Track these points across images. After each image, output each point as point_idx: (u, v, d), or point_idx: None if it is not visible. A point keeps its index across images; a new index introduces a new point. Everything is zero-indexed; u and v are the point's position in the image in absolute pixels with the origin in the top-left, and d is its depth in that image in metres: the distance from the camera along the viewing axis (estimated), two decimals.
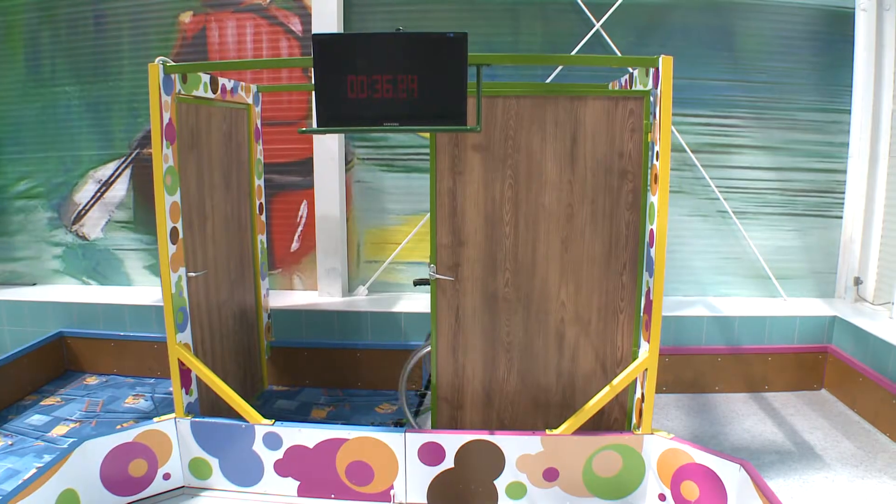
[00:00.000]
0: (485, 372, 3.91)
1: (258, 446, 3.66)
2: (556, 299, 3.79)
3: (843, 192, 5.69)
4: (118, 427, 4.27)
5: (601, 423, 3.92)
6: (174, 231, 3.68)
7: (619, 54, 5.18)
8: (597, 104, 3.59)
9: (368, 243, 5.54)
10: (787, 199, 5.64)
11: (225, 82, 4.23)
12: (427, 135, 5.24)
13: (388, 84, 3.10)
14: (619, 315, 3.75)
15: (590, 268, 3.74)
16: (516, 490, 3.64)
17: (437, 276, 3.86)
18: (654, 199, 3.41)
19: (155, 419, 3.74)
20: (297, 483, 3.68)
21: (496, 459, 3.59)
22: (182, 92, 3.73)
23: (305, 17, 5.30)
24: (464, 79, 3.09)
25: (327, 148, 5.23)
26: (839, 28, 5.49)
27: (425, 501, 3.64)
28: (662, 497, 3.65)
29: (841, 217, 5.74)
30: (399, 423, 4.46)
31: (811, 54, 5.53)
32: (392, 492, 3.62)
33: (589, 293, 3.77)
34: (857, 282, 5.69)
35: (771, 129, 5.58)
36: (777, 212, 5.61)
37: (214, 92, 4.09)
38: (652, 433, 3.62)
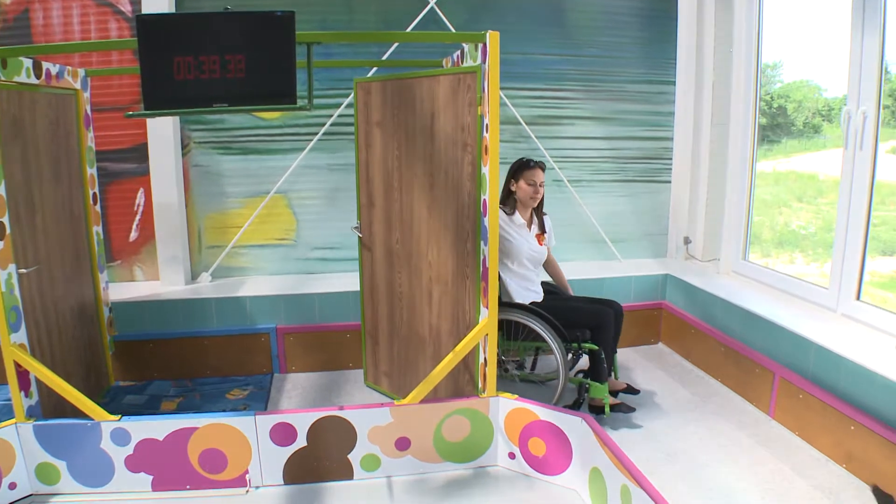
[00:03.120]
0: (388, 316, 4.56)
1: (106, 444, 3.52)
2: (426, 259, 4.11)
3: (671, 158, 6.02)
4: None
5: (454, 389, 4.07)
6: (0, 226, 3.49)
7: (452, 31, 5.25)
8: (446, 81, 3.77)
9: (209, 229, 5.42)
10: (619, 167, 5.92)
11: (50, 67, 4.02)
12: (271, 115, 5.21)
13: (215, 64, 3.06)
14: (466, 281, 3.89)
15: (445, 234, 3.94)
16: (370, 462, 3.69)
17: (358, 232, 4.62)
18: (485, 170, 3.51)
19: None
20: (151, 477, 3.57)
21: (348, 434, 3.62)
22: (2, 78, 3.53)
23: None
24: (292, 57, 3.08)
25: (161, 132, 5.07)
26: (663, 5, 5.79)
27: (281, 482, 3.62)
28: (512, 455, 3.78)
29: (669, 181, 6.06)
30: None
31: (637, 30, 5.79)
32: (247, 476, 3.58)
33: (446, 257, 3.99)
34: (687, 241, 6.04)
35: (601, 100, 5.82)
36: (610, 179, 5.88)
37: (38, 77, 3.88)
38: (497, 395, 3.74)
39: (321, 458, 3.65)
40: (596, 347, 4.23)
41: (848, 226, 4.41)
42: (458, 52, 4.07)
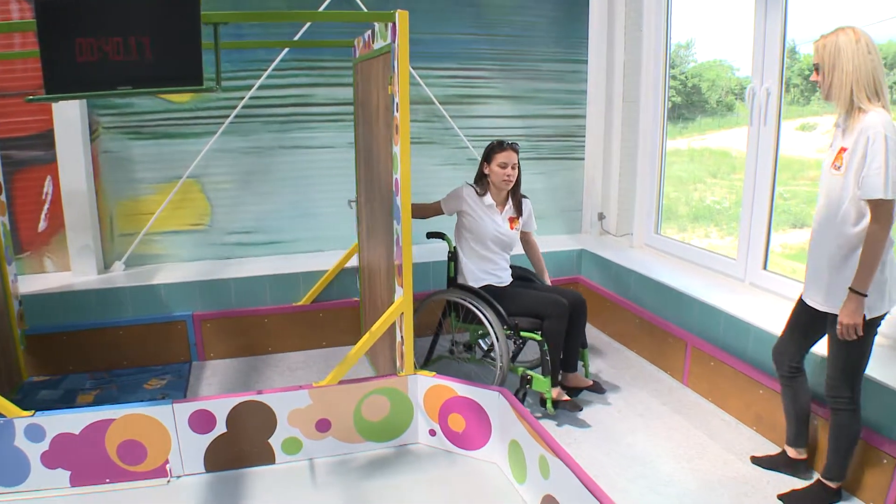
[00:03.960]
0: (368, 289, 4.76)
1: (20, 441, 3.40)
2: (379, 236, 4.21)
3: (584, 136, 6.12)
4: None
5: (379, 369, 4.16)
6: None
7: (364, 10, 5.22)
8: (379, 62, 3.83)
9: (121, 216, 5.28)
10: (533, 145, 5.99)
11: None
12: (181, 97, 5.10)
13: (119, 46, 2.97)
14: (392, 260, 3.90)
15: (383, 212, 3.99)
16: (292, 445, 3.68)
17: (352, 207, 4.96)
18: (396, 149, 3.52)
19: None
20: (69, 473, 3.47)
21: (268, 418, 3.60)
22: None
23: None
24: (197, 37, 3.02)
25: (67, 118, 4.91)
26: None
27: (203, 470, 3.58)
28: (433, 432, 3.82)
29: (583, 159, 6.17)
30: None
31: (550, 9, 5.86)
32: (168, 466, 3.53)
33: (382, 235, 4.05)
34: (601, 217, 6.16)
35: (515, 79, 5.88)
36: (524, 157, 5.85)
37: None
38: (415, 373, 3.78)
39: (242, 443, 3.62)
40: (538, 338, 4.05)
41: (754, 199, 4.56)
42: (369, 32, 4.06)
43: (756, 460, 3.67)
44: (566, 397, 4.09)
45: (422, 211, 4.42)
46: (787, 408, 3.50)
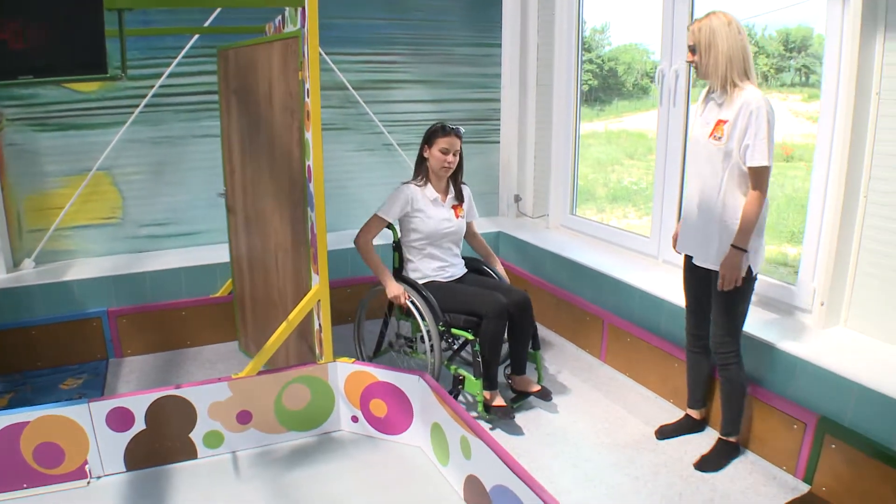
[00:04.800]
0: (250, 281, 4.62)
1: None
2: (272, 225, 4.10)
3: (499, 120, 6.17)
4: None
5: (298, 359, 4.11)
6: None
7: None
8: (278, 47, 3.75)
9: (29, 211, 5.09)
10: None
11: None
12: (88, 87, 4.95)
13: (17, 33, 2.87)
14: (301, 248, 3.88)
15: (284, 200, 3.94)
16: (213, 439, 3.63)
17: (223, 198, 4.70)
18: (308, 135, 3.49)
19: None
20: None
21: (187, 412, 3.55)
22: None
23: None
24: (100, 24, 2.94)
25: None
26: None
27: (124, 469, 3.50)
28: (355, 419, 3.83)
29: (498, 142, 6.22)
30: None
31: None
32: (87, 467, 3.43)
33: (285, 224, 3.98)
34: (517, 199, 6.23)
35: (429, 63, 5.88)
36: None
37: None
38: (334, 360, 3.77)
39: (162, 439, 3.55)
40: (470, 336, 3.88)
41: (665, 178, 4.67)
42: (280, 17, 4.02)
43: (661, 432, 3.83)
44: (500, 402, 3.86)
45: (368, 249, 4.15)
46: (691, 373, 3.79)
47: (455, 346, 4.25)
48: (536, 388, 4.07)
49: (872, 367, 3.24)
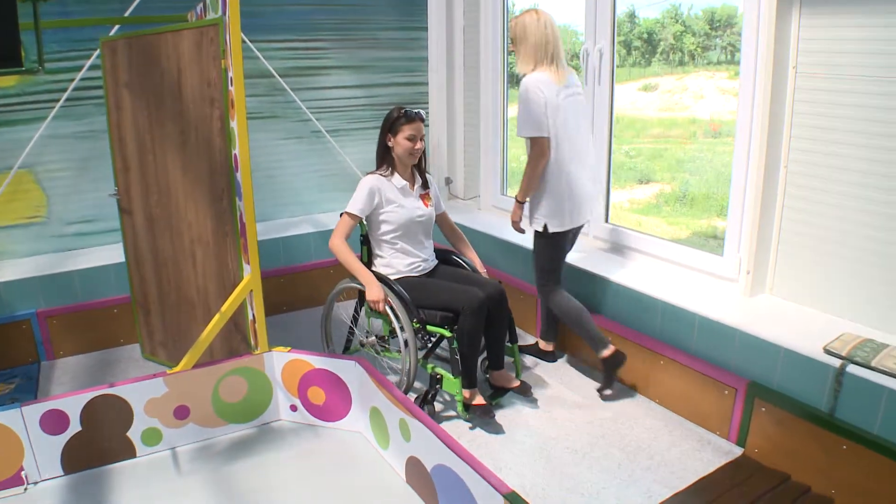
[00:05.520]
0: (157, 283, 4.41)
1: None
2: (186, 220, 4.00)
3: (427, 103, 6.17)
4: None
5: (229, 350, 4.08)
6: None
7: None
8: (190, 36, 3.67)
9: None
10: (376, 114, 5.95)
11: None
12: (6, 81, 4.79)
13: None
14: (226, 239, 3.84)
15: (202, 192, 3.87)
16: (151, 436, 3.59)
17: (116, 197, 4.39)
18: (233, 124, 3.46)
19: None
20: None
21: (123, 411, 3.49)
22: None
23: None
24: (13, 15, 2.86)
25: None
26: None
27: (61, 473, 3.43)
28: (294, 408, 3.83)
29: (427, 125, 6.21)
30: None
31: None
32: (23, 473, 3.35)
33: (205, 216, 3.91)
34: (448, 181, 6.26)
35: (355, 48, 5.84)
36: (368, 126, 5.93)
37: None
38: (270, 350, 3.76)
39: (100, 440, 3.49)
40: (448, 333, 3.73)
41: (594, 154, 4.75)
42: (202, 5, 3.96)
43: (521, 348, 4.40)
44: (480, 400, 3.77)
45: (342, 249, 3.88)
46: (544, 310, 4.41)
47: (430, 344, 4.05)
48: (516, 383, 4.00)
49: (797, 331, 3.40)
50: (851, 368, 3.05)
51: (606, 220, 4.81)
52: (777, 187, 3.66)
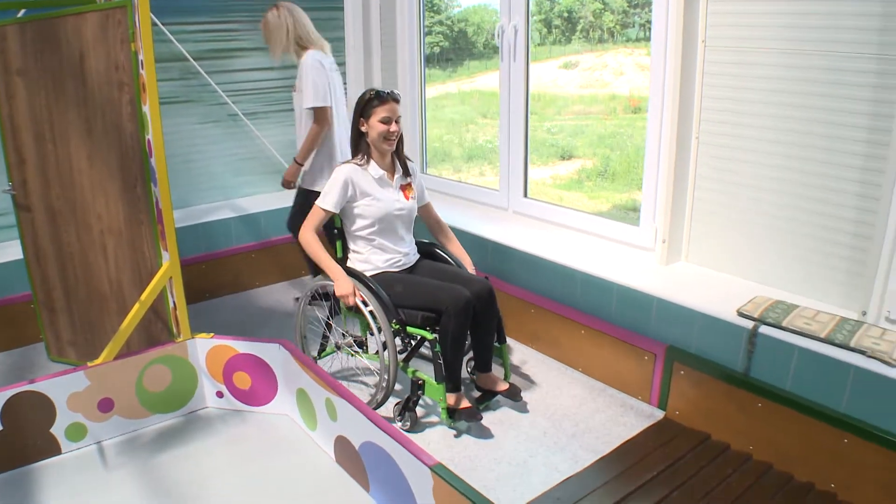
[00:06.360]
0: (62, 280, 4.18)
1: None
2: (94, 211, 3.87)
3: (346, 84, 6.11)
4: None
5: (149, 340, 3.99)
6: None
7: None
8: (94, 18, 3.58)
9: None
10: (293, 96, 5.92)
11: None
12: None
13: None
14: (142, 227, 3.78)
15: (112, 181, 3.77)
16: (76, 432, 3.50)
17: (11, 192, 4.08)
18: (146, 108, 3.40)
19: None
20: None
21: (45, 407, 3.40)
22: None
23: None
24: None
25: None
26: None
27: None
28: (220, 394, 3.80)
29: (346, 106, 6.17)
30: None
31: None
32: None
33: (116, 205, 3.82)
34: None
35: None
36: (286, 108, 5.83)
37: None
38: (193, 337, 3.71)
39: (22, 439, 3.39)
40: (429, 336, 3.46)
41: (510, 132, 4.81)
42: None
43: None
44: (466, 404, 3.52)
45: (310, 242, 3.63)
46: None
47: (411, 346, 3.72)
48: (504, 386, 3.72)
49: (712, 296, 3.53)
50: (764, 329, 3.19)
51: (525, 195, 4.87)
52: (689, 158, 3.78)
